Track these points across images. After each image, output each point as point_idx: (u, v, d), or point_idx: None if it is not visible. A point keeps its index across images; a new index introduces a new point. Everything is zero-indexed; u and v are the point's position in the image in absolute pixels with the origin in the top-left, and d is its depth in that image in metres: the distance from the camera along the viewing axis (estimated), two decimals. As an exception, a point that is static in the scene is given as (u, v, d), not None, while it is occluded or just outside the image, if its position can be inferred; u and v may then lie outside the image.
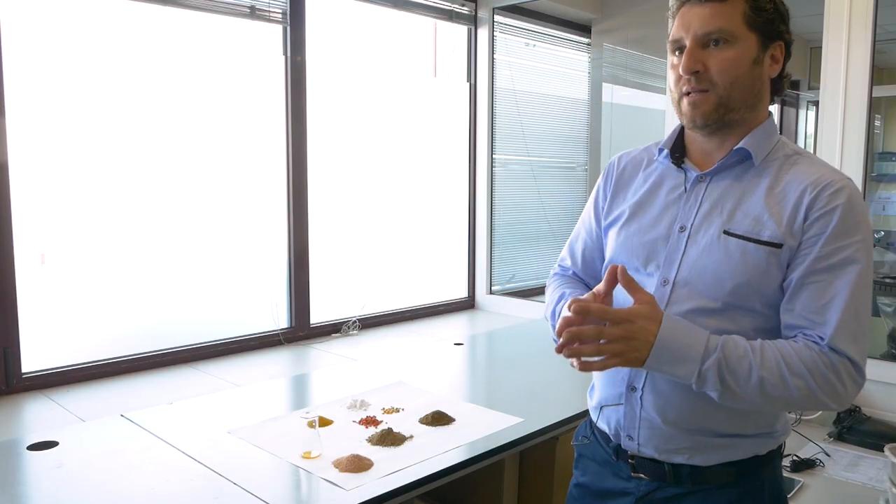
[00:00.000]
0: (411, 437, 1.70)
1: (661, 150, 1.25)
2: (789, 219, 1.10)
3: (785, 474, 1.97)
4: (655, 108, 3.31)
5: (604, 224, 1.32)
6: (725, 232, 1.13)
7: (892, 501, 1.67)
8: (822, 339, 1.07)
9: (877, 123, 4.90)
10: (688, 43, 1.13)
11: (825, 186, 1.09)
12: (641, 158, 1.30)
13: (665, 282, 1.17)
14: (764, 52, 1.14)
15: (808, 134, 5.69)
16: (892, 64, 4.67)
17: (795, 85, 5.60)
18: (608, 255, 1.29)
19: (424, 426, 1.78)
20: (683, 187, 1.20)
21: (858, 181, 2.28)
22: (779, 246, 1.09)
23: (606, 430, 1.26)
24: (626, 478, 1.23)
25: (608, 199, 1.32)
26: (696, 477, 1.17)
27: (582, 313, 1.06)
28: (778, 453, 1.23)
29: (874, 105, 2.29)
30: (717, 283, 1.12)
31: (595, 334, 1.05)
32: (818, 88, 2.37)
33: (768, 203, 1.12)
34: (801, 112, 5.72)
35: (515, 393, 2.06)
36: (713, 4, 1.12)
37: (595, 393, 1.30)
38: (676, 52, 1.17)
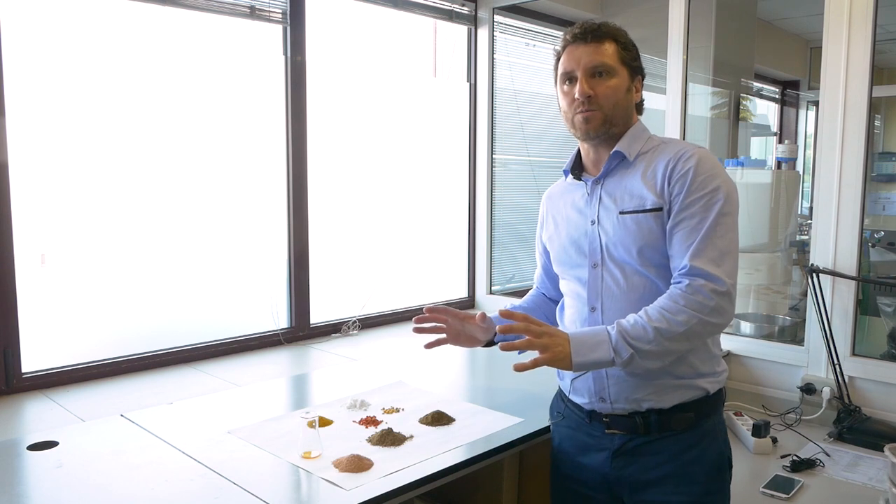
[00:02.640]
0: (411, 437, 1.70)
1: (566, 173, 1.59)
2: (660, 187, 1.40)
3: (785, 474, 1.98)
4: (656, 108, 3.31)
5: (544, 242, 1.70)
6: (620, 212, 1.44)
7: (892, 501, 1.67)
8: (684, 267, 1.34)
9: (877, 123, 4.90)
10: (579, 74, 1.45)
11: (681, 156, 1.41)
12: (561, 185, 1.64)
13: (595, 265, 1.48)
14: (632, 83, 1.50)
15: (808, 134, 5.69)
16: (892, 64, 4.67)
17: (795, 85, 5.61)
18: (552, 257, 1.63)
19: (424, 426, 1.78)
20: (587, 192, 1.52)
21: (858, 181, 2.29)
22: (660, 209, 1.40)
23: (579, 401, 1.52)
24: (600, 435, 1.48)
25: (543, 226, 1.69)
26: (663, 424, 1.42)
27: (507, 316, 1.40)
28: (721, 398, 1.50)
29: (874, 105, 2.29)
30: (627, 252, 1.43)
31: (523, 328, 1.35)
32: (818, 88, 2.37)
33: (645, 182, 1.43)
34: (801, 112, 5.72)
35: (515, 393, 2.06)
36: (594, 44, 1.45)
37: (564, 373, 1.56)
38: (567, 83, 1.48)
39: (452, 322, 1.75)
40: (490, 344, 1.77)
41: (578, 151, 1.58)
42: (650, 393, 1.42)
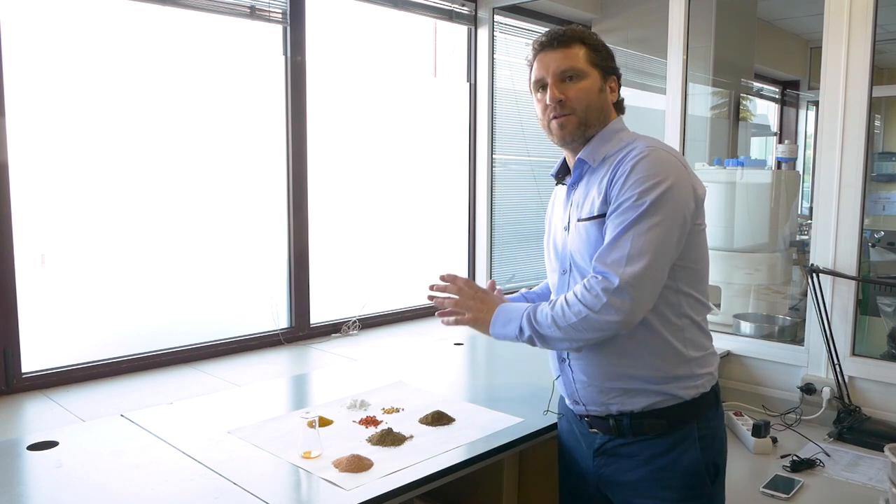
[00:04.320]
0: (411, 437, 1.70)
1: (553, 177, 1.59)
2: (604, 192, 1.40)
3: (785, 474, 1.98)
4: (656, 108, 3.31)
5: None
6: (578, 220, 1.46)
7: (892, 501, 1.67)
8: (592, 268, 1.37)
9: (877, 123, 4.90)
10: (549, 80, 1.46)
11: (624, 158, 1.39)
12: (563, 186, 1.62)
13: (564, 271, 1.52)
14: (605, 83, 1.48)
15: (808, 134, 5.70)
16: (892, 64, 4.68)
17: (795, 85, 5.61)
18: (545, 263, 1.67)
19: (424, 426, 1.78)
20: (566, 197, 1.54)
21: (858, 181, 2.29)
22: (603, 215, 1.39)
23: (565, 399, 1.59)
24: (585, 433, 1.53)
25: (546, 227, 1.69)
26: (636, 429, 1.44)
27: (450, 280, 1.59)
28: (708, 403, 1.46)
29: (874, 105, 2.29)
30: (582, 259, 1.45)
31: (455, 290, 1.56)
32: (818, 88, 2.37)
33: (598, 190, 1.42)
34: (801, 112, 5.73)
35: (515, 393, 2.06)
36: (562, 49, 1.46)
37: (552, 371, 1.62)
38: (539, 90, 1.50)
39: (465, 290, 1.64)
40: None
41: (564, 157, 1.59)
42: (615, 396, 1.44)
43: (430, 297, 1.65)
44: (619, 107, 1.54)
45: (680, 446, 1.43)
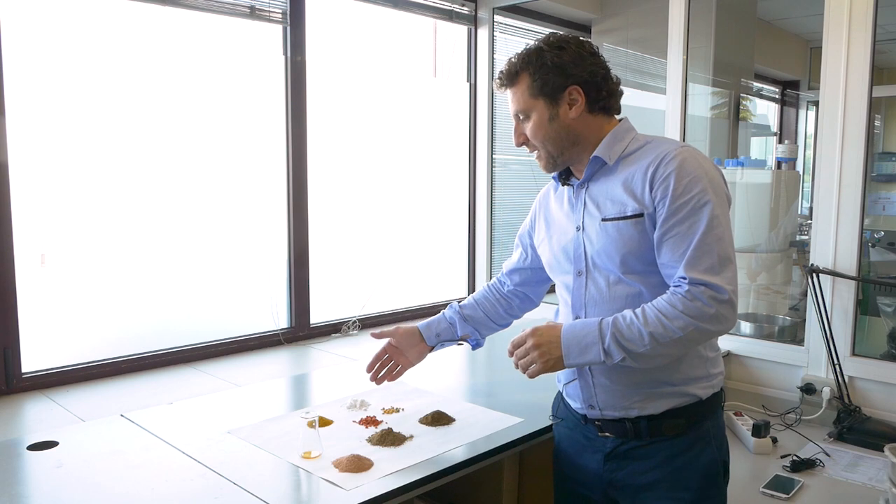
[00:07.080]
0: (411, 437, 1.70)
1: (555, 179, 1.56)
2: (640, 192, 1.36)
3: (785, 474, 1.98)
4: (656, 108, 3.32)
5: (533, 244, 1.68)
6: (603, 219, 1.41)
7: (892, 501, 1.67)
8: (682, 278, 1.31)
9: (877, 123, 4.90)
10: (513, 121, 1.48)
11: (662, 159, 1.35)
12: (555, 185, 1.60)
13: (579, 272, 1.47)
14: (556, 107, 1.41)
15: (808, 134, 5.69)
16: (892, 64, 4.67)
17: (795, 85, 5.61)
18: (544, 263, 1.62)
19: (424, 426, 1.78)
20: (573, 197, 1.50)
21: (858, 181, 2.29)
22: (640, 215, 1.36)
23: (573, 405, 1.53)
24: (594, 437, 1.49)
25: (532, 226, 1.68)
26: (654, 430, 1.41)
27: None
28: (718, 402, 1.47)
29: (874, 105, 2.29)
30: (610, 260, 1.40)
31: (511, 354, 1.42)
32: (818, 88, 2.37)
33: (626, 189, 1.39)
34: (801, 112, 5.72)
35: (515, 393, 2.06)
36: (510, 89, 1.45)
37: (560, 376, 1.57)
38: None
39: (396, 344, 1.84)
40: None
41: None
42: (638, 401, 1.42)
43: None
44: (608, 109, 1.46)
45: (698, 445, 1.42)
